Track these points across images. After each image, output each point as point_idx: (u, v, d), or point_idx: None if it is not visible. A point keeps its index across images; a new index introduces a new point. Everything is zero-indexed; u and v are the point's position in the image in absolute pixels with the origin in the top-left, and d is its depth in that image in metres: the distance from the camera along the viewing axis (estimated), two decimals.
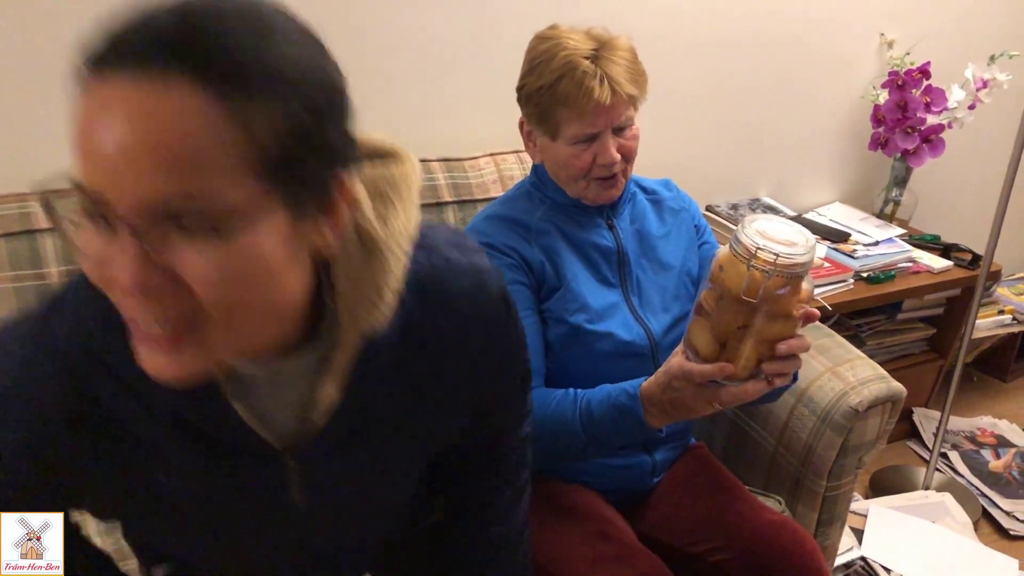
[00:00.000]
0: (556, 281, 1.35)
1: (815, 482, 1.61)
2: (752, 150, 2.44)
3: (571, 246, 1.38)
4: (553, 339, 1.35)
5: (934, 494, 2.33)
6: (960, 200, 2.84)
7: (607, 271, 1.40)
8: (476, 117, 1.97)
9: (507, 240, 1.35)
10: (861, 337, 2.40)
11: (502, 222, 1.38)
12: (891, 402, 1.59)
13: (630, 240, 1.42)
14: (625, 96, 1.28)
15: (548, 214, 1.40)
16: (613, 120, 1.29)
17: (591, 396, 1.24)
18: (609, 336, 1.34)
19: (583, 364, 1.34)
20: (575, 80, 1.25)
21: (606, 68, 1.26)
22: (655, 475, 1.45)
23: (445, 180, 1.78)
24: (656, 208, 1.48)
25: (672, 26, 2.14)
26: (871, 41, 2.48)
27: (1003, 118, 2.45)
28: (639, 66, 1.32)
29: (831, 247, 2.34)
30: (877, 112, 2.45)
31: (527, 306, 1.34)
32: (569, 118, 1.29)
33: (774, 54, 2.33)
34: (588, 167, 1.32)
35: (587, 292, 1.36)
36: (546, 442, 1.25)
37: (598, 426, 1.22)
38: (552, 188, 1.40)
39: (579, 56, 1.26)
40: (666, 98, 2.20)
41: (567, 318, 1.34)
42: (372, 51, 1.83)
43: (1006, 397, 2.91)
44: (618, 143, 1.31)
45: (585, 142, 1.31)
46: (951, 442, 2.61)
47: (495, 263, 1.29)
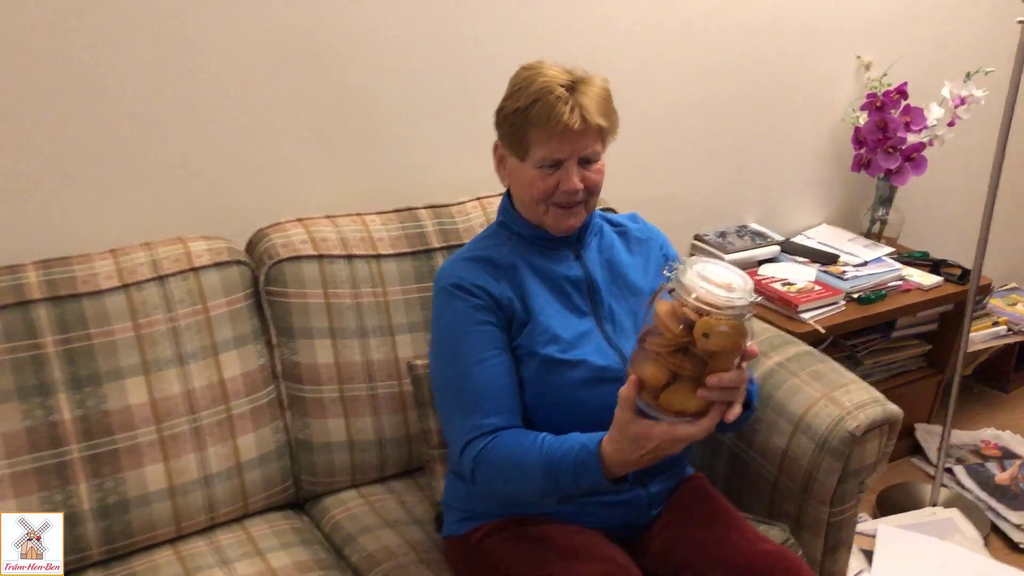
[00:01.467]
0: (524, 316, 1.38)
1: (818, 508, 1.61)
2: (737, 177, 2.47)
3: (540, 278, 1.42)
4: (529, 374, 1.37)
5: (942, 510, 2.33)
6: (946, 216, 2.86)
7: (579, 300, 1.43)
8: (462, 162, 1.99)
9: (475, 279, 1.38)
10: (857, 357, 2.41)
11: (471, 262, 1.42)
12: (888, 424, 1.60)
13: (599, 270, 1.46)
14: (594, 126, 1.33)
15: (516, 249, 1.43)
16: (580, 149, 1.34)
17: (555, 447, 1.26)
18: (583, 363, 1.36)
19: (560, 393, 1.36)
20: (548, 103, 1.31)
21: (579, 98, 1.32)
22: (653, 507, 1.45)
23: (433, 226, 1.80)
24: (623, 239, 1.53)
25: (652, 59, 2.18)
26: (848, 64, 2.51)
27: (983, 133, 2.48)
28: (611, 105, 1.37)
29: (821, 269, 2.35)
30: (858, 134, 2.48)
31: (496, 346, 1.36)
32: (538, 140, 1.33)
33: (754, 81, 2.36)
34: (551, 192, 1.36)
35: (556, 324, 1.39)
36: (509, 483, 1.31)
37: (559, 478, 1.25)
38: (518, 223, 1.44)
39: (555, 83, 1.33)
40: (649, 130, 2.24)
41: (538, 350, 1.36)
42: (357, 98, 1.85)
43: (1008, 407, 2.91)
44: (583, 174, 1.35)
45: (551, 167, 1.35)
46: (955, 456, 2.61)
47: (464, 303, 1.36)
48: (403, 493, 1.73)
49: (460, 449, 1.35)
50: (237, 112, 1.74)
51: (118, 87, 1.62)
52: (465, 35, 1.92)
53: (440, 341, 1.41)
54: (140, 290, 1.53)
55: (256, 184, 1.81)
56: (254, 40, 1.71)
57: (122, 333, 1.50)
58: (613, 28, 2.09)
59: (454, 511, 1.49)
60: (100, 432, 1.47)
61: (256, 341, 1.63)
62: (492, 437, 1.31)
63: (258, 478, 1.62)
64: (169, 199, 1.74)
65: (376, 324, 1.70)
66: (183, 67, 1.67)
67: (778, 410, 1.65)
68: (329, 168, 1.88)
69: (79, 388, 1.46)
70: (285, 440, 1.67)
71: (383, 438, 1.71)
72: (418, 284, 1.74)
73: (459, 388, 1.36)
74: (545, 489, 1.28)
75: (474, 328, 1.37)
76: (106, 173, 1.66)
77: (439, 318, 1.42)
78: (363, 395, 1.69)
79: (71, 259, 1.52)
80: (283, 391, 1.67)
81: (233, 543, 1.57)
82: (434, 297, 1.43)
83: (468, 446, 1.33)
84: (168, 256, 1.58)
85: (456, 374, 1.37)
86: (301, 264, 1.65)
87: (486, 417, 1.33)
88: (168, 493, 1.52)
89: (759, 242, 2.41)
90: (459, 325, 1.37)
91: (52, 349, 1.45)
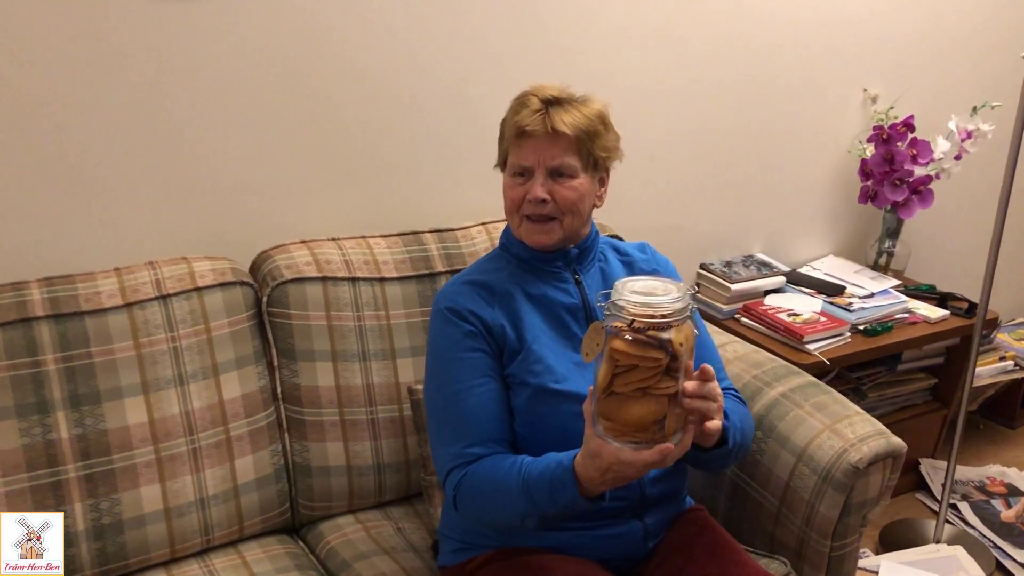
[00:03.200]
0: (517, 344, 1.37)
1: (820, 542, 1.59)
2: (743, 207, 2.47)
3: (535, 306, 1.41)
4: (520, 403, 1.36)
5: (946, 547, 2.29)
6: (953, 249, 2.85)
7: (575, 328, 1.42)
8: (467, 187, 2.00)
9: (469, 305, 1.38)
10: (862, 390, 2.39)
11: (468, 286, 1.42)
12: (892, 458, 1.58)
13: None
14: (563, 136, 1.33)
15: (514, 275, 1.43)
16: (548, 158, 1.34)
17: (531, 467, 1.26)
18: (576, 396, 1.34)
19: (551, 424, 1.34)
20: (520, 112, 1.35)
21: (554, 110, 1.34)
22: (650, 539, 1.43)
23: (438, 250, 1.79)
24: (628, 270, 1.51)
25: (659, 89, 2.19)
26: (855, 96, 2.52)
27: (989, 167, 2.48)
28: (599, 125, 1.37)
29: (826, 301, 2.34)
30: (864, 166, 2.47)
31: (484, 373, 1.36)
32: (510, 147, 1.38)
33: (761, 112, 2.37)
34: (519, 202, 1.38)
35: (549, 354, 1.37)
36: (489, 508, 1.30)
37: (536, 497, 1.24)
38: (516, 245, 1.44)
39: (537, 96, 1.36)
40: (656, 160, 2.24)
41: (530, 380, 1.35)
42: (362, 126, 1.86)
43: (1014, 444, 2.88)
44: (552, 187, 1.35)
45: (521, 175, 1.37)
46: (960, 492, 2.58)
47: (456, 329, 1.36)
48: (400, 520, 1.71)
49: (443, 477, 1.35)
50: (245, 134, 1.75)
51: (125, 105, 1.63)
52: (471, 61, 1.93)
53: (432, 365, 1.42)
54: (143, 309, 1.53)
55: (261, 206, 1.82)
56: (262, 61, 1.72)
57: (123, 352, 1.50)
58: (620, 59, 2.10)
59: (450, 541, 1.47)
60: (97, 451, 1.47)
61: (257, 362, 1.63)
62: (473, 465, 1.31)
63: (255, 501, 1.61)
64: (174, 219, 1.74)
65: (378, 348, 1.69)
66: (191, 87, 1.68)
67: (781, 441, 1.63)
68: (334, 191, 1.88)
69: (78, 407, 1.46)
70: (283, 463, 1.65)
71: (382, 463, 1.70)
72: (421, 308, 1.73)
73: (446, 414, 1.36)
74: (525, 510, 1.27)
75: (464, 355, 1.36)
76: (112, 192, 1.67)
77: (433, 342, 1.42)
78: (363, 419, 1.68)
79: (75, 277, 1.52)
80: (283, 413, 1.66)
81: (227, 567, 1.55)
82: (431, 319, 1.44)
83: (450, 474, 1.33)
84: (172, 275, 1.58)
85: (444, 400, 1.37)
86: (305, 286, 1.65)
87: (469, 446, 1.32)
88: (164, 515, 1.51)
89: (765, 272, 2.40)
90: (450, 351, 1.37)
91: (53, 367, 1.45)
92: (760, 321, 2.25)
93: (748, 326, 2.27)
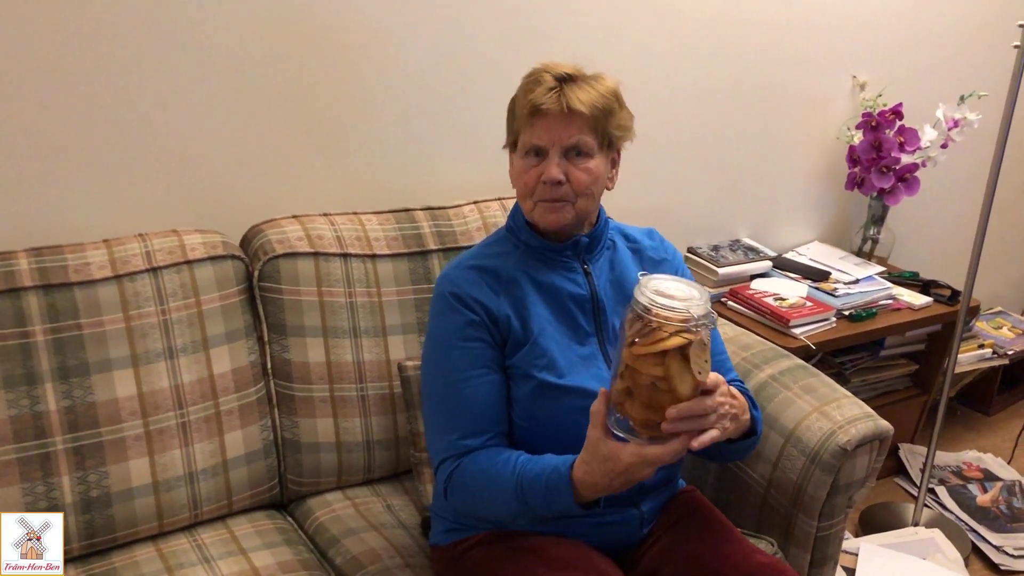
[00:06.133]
0: (523, 336, 1.34)
1: (806, 522, 1.61)
2: (731, 192, 2.47)
3: (543, 296, 1.38)
4: (522, 395, 1.34)
5: (924, 530, 2.33)
6: (937, 237, 2.88)
7: (582, 320, 1.39)
8: (460, 165, 1.99)
9: (474, 292, 1.34)
10: (845, 375, 2.41)
11: (474, 271, 1.37)
12: (879, 440, 1.60)
13: (606, 288, 1.42)
14: (578, 114, 1.29)
15: (521, 261, 1.39)
16: (562, 137, 1.30)
17: (527, 469, 1.25)
18: (579, 391, 1.33)
19: (553, 418, 1.33)
20: (534, 91, 1.30)
21: (569, 87, 1.29)
22: (645, 526, 1.43)
23: (430, 228, 1.79)
24: (637, 258, 1.48)
25: (650, 74, 2.18)
26: (844, 83, 2.53)
27: (975, 156, 2.50)
28: (613, 103, 1.33)
29: (812, 286, 2.36)
30: (852, 152, 2.49)
31: (484, 364, 1.33)
32: (522, 127, 1.32)
33: (750, 98, 2.37)
34: (534, 184, 1.32)
35: (555, 348, 1.35)
36: (480, 503, 1.30)
37: (530, 500, 1.24)
38: (525, 231, 1.40)
39: (550, 72, 1.31)
40: (646, 143, 2.22)
41: (534, 373, 1.33)
42: (355, 102, 1.85)
43: (990, 430, 2.93)
44: (567, 168, 1.31)
45: (535, 156, 1.32)
46: (938, 477, 2.62)
47: (460, 317, 1.32)
48: (389, 496, 1.71)
49: (436, 465, 1.34)
50: (237, 107, 1.73)
51: (117, 77, 1.61)
52: (466, 39, 1.92)
53: (431, 350, 1.38)
54: (133, 281, 1.51)
55: (253, 179, 1.80)
56: (256, 33, 1.70)
57: (112, 324, 1.48)
58: (612, 41, 2.10)
59: (442, 521, 1.46)
60: (86, 424, 1.45)
61: (248, 337, 1.62)
62: (466, 457, 1.30)
63: (244, 476, 1.60)
64: (165, 191, 1.72)
65: (369, 324, 1.68)
66: (184, 58, 1.65)
67: (769, 423, 1.65)
68: (327, 166, 1.87)
69: (66, 379, 1.44)
70: (272, 439, 1.65)
71: (371, 440, 1.69)
72: (413, 286, 1.73)
73: (442, 402, 1.34)
74: (517, 510, 1.26)
75: (465, 344, 1.33)
76: (102, 163, 1.65)
77: (433, 326, 1.39)
78: (353, 395, 1.67)
79: (63, 248, 1.50)
80: (272, 389, 1.65)
81: (216, 541, 1.55)
82: (432, 301, 1.40)
83: (442, 464, 1.32)
84: (162, 248, 1.56)
85: (441, 387, 1.34)
86: (296, 261, 1.64)
87: (463, 438, 1.31)
88: (152, 488, 1.50)
89: (752, 257, 2.41)
90: (450, 339, 1.34)
91: (41, 338, 1.43)
92: (747, 305, 2.26)
93: (735, 310, 2.28)
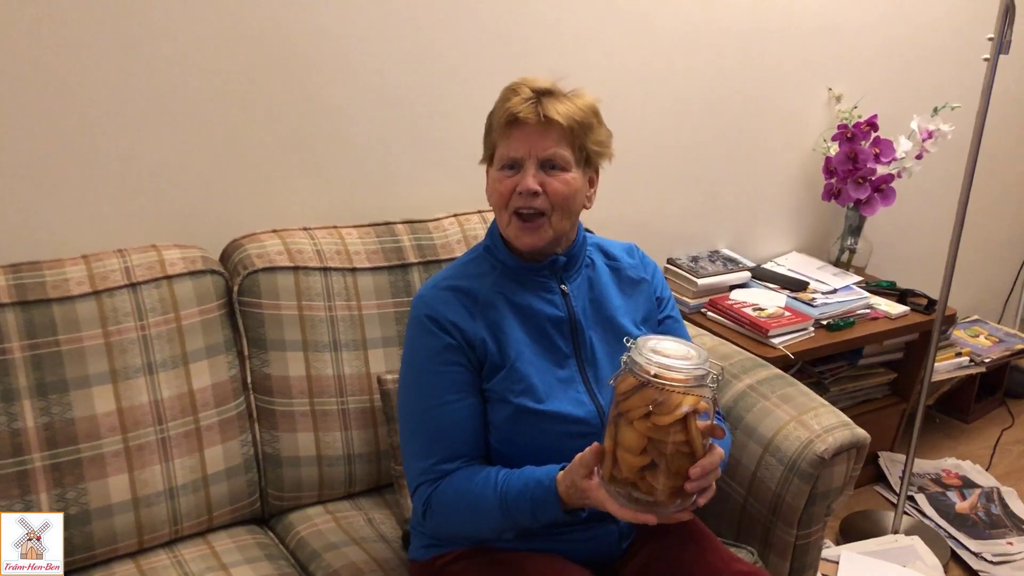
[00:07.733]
0: (499, 360, 1.33)
1: (785, 531, 1.62)
2: (710, 204, 2.50)
3: (520, 319, 1.36)
4: (499, 419, 1.33)
5: (903, 538, 2.35)
6: (913, 247, 2.92)
7: (560, 342, 1.38)
8: (440, 178, 2.00)
9: (451, 315, 1.32)
10: (824, 384, 2.43)
11: (449, 292, 1.35)
12: (856, 448, 1.62)
13: (585, 308, 1.41)
14: (555, 125, 1.28)
15: (498, 283, 1.37)
16: (539, 149, 1.28)
17: (509, 485, 1.25)
18: (558, 416, 1.32)
19: (531, 443, 1.32)
20: (510, 101, 1.29)
21: (547, 99, 1.29)
22: (624, 540, 1.43)
23: (410, 241, 1.79)
24: (616, 277, 1.47)
25: (629, 86, 2.20)
26: (820, 96, 2.56)
27: (949, 166, 2.54)
28: (591, 118, 1.33)
29: (791, 296, 2.38)
30: (828, 164, 2.52)
31: (461, 388, 1.32)
32: (499, 139, 1.31)
33: (727, 110, 2.40)
34: (509, 194, 1.30)
35: (533, 372, 1.33)
36: (462, 523, 1.30)
37: (516, 515, 1.24)
38: (503, 251, 1.38)
39: (527, 85, 1.31)
40: (626, 156, 2.24)
41: (511, 399, 1.31)
42: (334, 116, 1.85)
43: (968, 438, 2.95)
44: (543, 179, 1.29)
45: (511, 168, 1.31)
46: (917, 485, 2.64)
47: (436, 340, 1.31)
48: (370, 510, 1.71)
49: (412, 488, 1.34)
50: (214, 121, 1.74)
51: (94, 92, 1.61)
52: (443, 53, 1.93)
53: (408, 374, 1.37)
54: (111, 297, 1.51)
55: (232, 194, 1.80)
56: (234, 49, 1.71)
57: (91, 340, 1.48)
58: (589, 53, 2.12)
59: (421, 536, 1.45)
60: (64, 441, 1.45)
61: (227, 352, 1.61)
62: (442, 480, 1.30)
63: (224, 491, 1.60)
64: (143, 206, 1.72)
65: (349, 338, 1.69)
66: (161, 73, 1.66)
67: (748, 432, 1.66)
68: (306, 180, 1.87)
69: (44, 395, 1.44)
70: (253, 453, 1.64)
71: (352, 454, 1.69)
72: (393, 299, 1.73)
73: (419, 426, 1.33)
74: (502, 526, 1.27)
75: (442, 368, 1.32)
76: (80, 179, 1.64)
77: (409, 349, 1.37)
78: (333, 409, 1.67)
79: (41, 264, 1.49)
80: (253, 403, 1.65)
81: (196, 557, 1.54)
82: (408, 323, 1.38)
83: (419, 488, 1.32)
84: (141, 263, 1.56)
85: (418, 412, 1.33)
86: (276, 275, 1.64)
87: (440, 463, 1.30)
88: (132, 505, 1.50)
89: (730, 267, 2.43)
90: (426, 363, 1.33)
91: (19, 355, 1.42)
92: (726, 315, 2.28)
93: (714, 320, 2.30)
